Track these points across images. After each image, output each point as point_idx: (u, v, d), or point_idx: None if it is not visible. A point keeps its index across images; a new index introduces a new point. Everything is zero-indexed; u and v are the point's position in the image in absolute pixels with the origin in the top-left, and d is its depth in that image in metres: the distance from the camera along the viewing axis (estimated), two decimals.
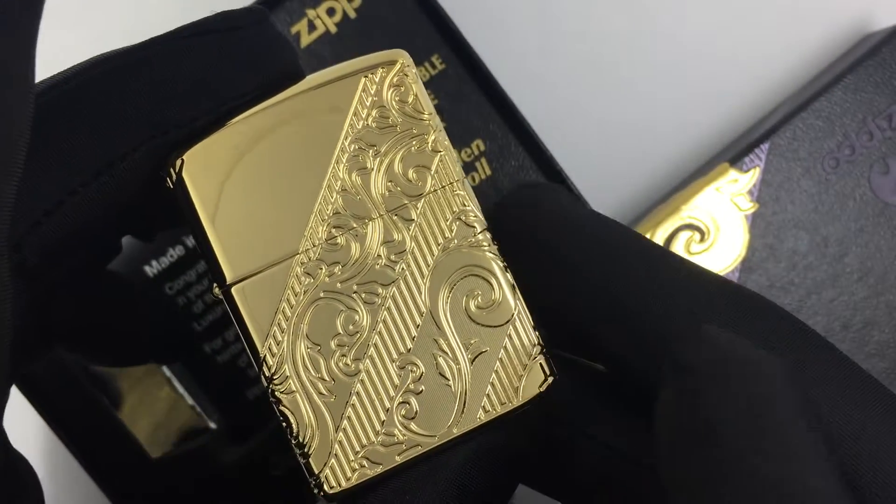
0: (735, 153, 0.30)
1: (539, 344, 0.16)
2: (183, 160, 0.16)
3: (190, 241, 0.27)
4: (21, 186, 0.13)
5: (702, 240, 0.30)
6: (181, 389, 0.27)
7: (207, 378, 0.27)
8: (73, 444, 0.26)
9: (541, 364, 0.16)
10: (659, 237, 0.30)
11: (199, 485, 0.27)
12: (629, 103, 0.34)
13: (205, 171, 0.16)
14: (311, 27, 0.28)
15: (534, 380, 0.16)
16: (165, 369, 0.27)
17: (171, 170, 0.16)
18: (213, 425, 0.27)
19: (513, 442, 0.16)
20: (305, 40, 0.28)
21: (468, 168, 0.28)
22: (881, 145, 0.30)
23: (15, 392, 0.24)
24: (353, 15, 0.28)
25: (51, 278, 0.16)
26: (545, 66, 0.34)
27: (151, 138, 0.15)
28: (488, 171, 0.28)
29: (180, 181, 0.16)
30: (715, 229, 0.30)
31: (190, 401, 0.27)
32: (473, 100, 0.28)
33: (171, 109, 0.16)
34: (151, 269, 0.27)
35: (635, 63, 0.34)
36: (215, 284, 0.16)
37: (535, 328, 0.16)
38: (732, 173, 0.30)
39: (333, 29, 0.28)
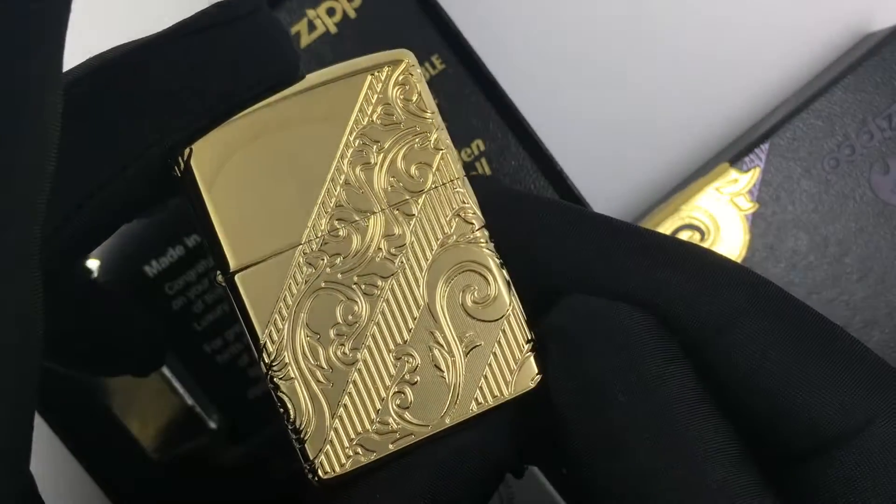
0: (735, 153, 0.30)
1: (531, 340, 0.17)
2: (191, 151, 0.16)
3: (190, 242, 0.27)
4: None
5: (702, 240, 0.30)
6: (181, 389, 0.27)
7: (207, 378, 0.27)
8: (73, 444, 0.26)
9: (532, 360, 0.17)
10: None
11: (199, 485, 0.27)
12: (629, 103, 0.34)
13: (212, 162, 0.16)
14: (311, 27, 0.28)
15: (525, 374, 0.17)
16: (165, 369, 0.27)
17: (180, 159, 0.16)
18: (213, 425, 0.27)
19: (489, 446, 0.17)
20: (305, 40, 0.28)
21: (468, 168, 0.28)
22: (881, 145, 0.30)
23: None
24: (353, 15, 0.28)
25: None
26: (545, 66, 0.34)
27: (161, 139, 0.16)
28: (488, 171, 0.28)
29: (188, 171, 0.16)
30: (715, 229, 0.30)
31: (190, 401, 0.27)
32: (473, 100, 0.28)
33: (179, 109, 0.16)
34: (151, 269, 0.27)
35: (635, 63, 0.34)
36: (219, 272, 0.17)
37: (528, 325, 0.17)
38: (732, 173, 0.30)
39: (333, 29, 0.28)
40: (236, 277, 0.16)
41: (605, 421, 0.14)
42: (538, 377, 0.16)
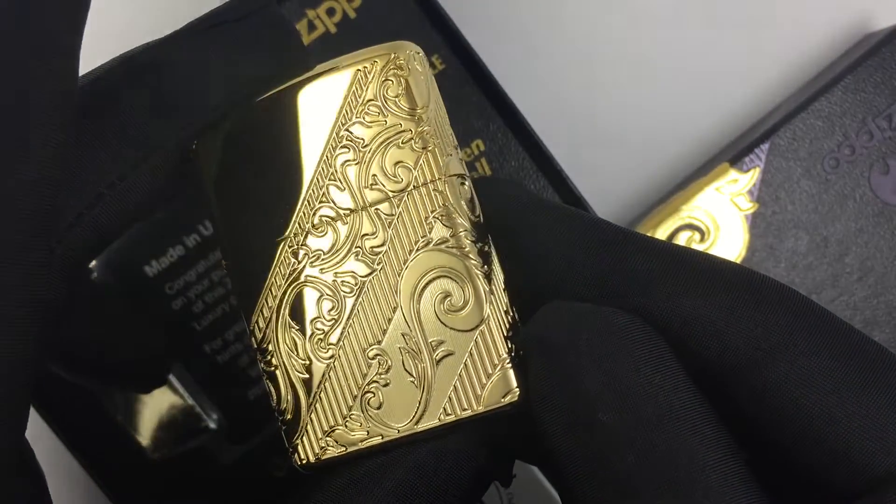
0: (735, 153, 0.30)
1: (511, 355, 0.16)
2: (204, 141, 0.17)
3: (190, 242, 0.27)
4: (68, 179, 0.14)
5: (702, 240, 0.30)
6: (181, 389, 0.27)
7: (207, 378, 0.27)
8: (73, 444, 0.26)
9: (507, 375, 0.16)
10: (659, 237, 0.30)
11: (199, 485, 0.27)
12: (629, 103, 0.34)
13: (213, 154, 0.17)
14: (311, 27, 0.28)
15: (497, 390, 0.16)
16: None
17: (191, 150, 0.17)
18: (213, 425, 0.27)
19: (472, 453, 0.16)
20: (305, 40, 0.28)
21: (468, 168, 0.28)
22: (881, 145, 0.30)
23: None
24: (352, 15, 0.28)
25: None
26: (545, 67, 0.34)
27: (179, 131, 0.17)
28: (488, 172, 0.28)
29: (199, 161, 0.17)
30: (715, 229, 0.30)
31: (190, 401, 0.27)
32: (473, 100, 0.28)
33: (197, 101, 0.17)
34: (151, 269, 0.27)
35: (635, 63, 0.34)
36: (223, 259, 0.17)
37: (508, 338, 0.16)
38: (732, 173, 0.30)
39: (333, 29, 0.28)
40: (233, 265, 0.17)
41: (587, 440, 0.13)
42: (516, 392, 0.15)
